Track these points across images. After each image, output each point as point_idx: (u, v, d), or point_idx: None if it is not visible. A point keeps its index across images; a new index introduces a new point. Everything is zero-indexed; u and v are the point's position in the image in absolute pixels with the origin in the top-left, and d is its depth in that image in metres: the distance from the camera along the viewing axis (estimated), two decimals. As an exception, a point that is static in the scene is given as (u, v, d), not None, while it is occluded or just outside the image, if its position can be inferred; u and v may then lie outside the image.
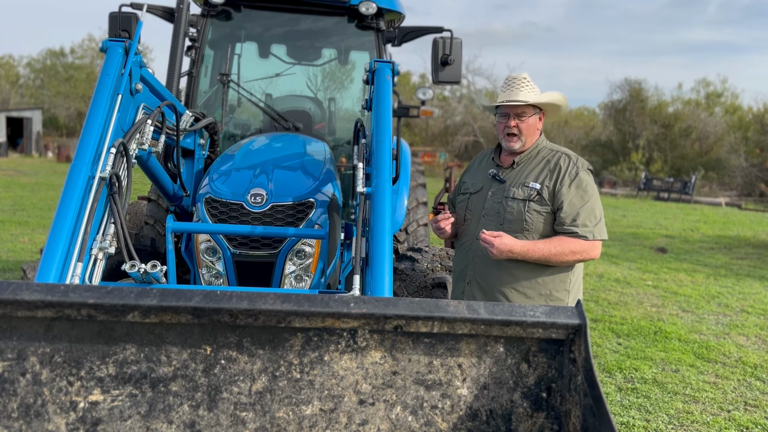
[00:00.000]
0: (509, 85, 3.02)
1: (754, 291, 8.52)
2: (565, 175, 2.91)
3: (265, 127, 4.90)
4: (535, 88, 3.02)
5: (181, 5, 4.30)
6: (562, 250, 2.85)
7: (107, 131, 2.64)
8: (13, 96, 46.00)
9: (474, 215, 3.09)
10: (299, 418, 1.82)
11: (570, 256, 2.86)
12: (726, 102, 40.96)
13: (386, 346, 1.85)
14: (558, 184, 2.90)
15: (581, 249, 2.87)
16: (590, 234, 2.86)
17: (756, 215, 21.01)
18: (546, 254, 2.84)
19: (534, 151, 3.06)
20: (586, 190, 2.90)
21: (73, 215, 2.35)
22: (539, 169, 2.98)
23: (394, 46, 5.40)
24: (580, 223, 2.85)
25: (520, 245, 2.83)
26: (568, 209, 2.86)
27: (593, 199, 2.91)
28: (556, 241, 2.87)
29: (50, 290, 1.74)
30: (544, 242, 2.86)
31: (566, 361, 1.85)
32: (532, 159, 3.04)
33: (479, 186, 3.13)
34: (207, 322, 1.80)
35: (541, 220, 2.91)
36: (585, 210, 2.87)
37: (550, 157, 3.00)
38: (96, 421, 1.77)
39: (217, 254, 3.26)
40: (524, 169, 3.02)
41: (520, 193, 2.94)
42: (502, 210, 2.97)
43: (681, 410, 4.43)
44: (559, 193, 2.89)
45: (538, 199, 2.91)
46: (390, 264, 2.45)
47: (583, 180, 2.91)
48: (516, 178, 3.01)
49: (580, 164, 2.96)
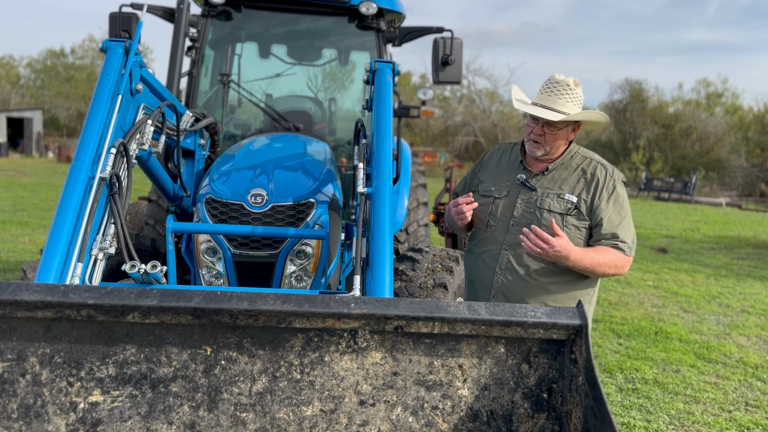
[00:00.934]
0: (550, 88, 2.77)
1: (754, 291, 8.51)
2: (603, 188, 2.76)
3: (265, 128, 4.90)
4: (577, 97, 2.77)
5: (182, 5, 4.29)
6: (608, 261, 2.71)
7: (107, 131, 2.63)
8: (13, 96, 46.01)
9: (500, 223, 2.86)
10: (299, 419, 1.81)
11: (612, 268, 2.74)
12: (726, 102, 40.98)
13: (387, 347, 1.84)
14: (596, 198, 2.75)
15: (621, 263, 2.74)
16: (629, 250, 2.76)
17: (756, 215, 21.00)
18: (594, 263, 2.69)
19: (567, 157, 2.86)
20: (623, 206, 2.78)
21: (73, 215, 2.35)
22: (574, 180, 2.80)
23: (394, 46, 5.40)
24: (620, 240, 2.74)
25: (577, 251, 2.64)
26: (608, 226, 2.73)
27: (629, 215, 2.80)
28: (603, 250, 2.72)
29: (50, 291, 1.74)
30: (594, 250, 2.71)
31: (567, 361, 1.84)
32: (565, 167, 2.85)
33: (505, 191, 2.89)
34: (207, 323, 1.80)
35: (579, 235, 2.77)
36: (623, 227, 2.75)
37: (585, 166, 2.82)
38: (96, 421, 1.77)
39: (218, 255, 3.26)
40: (557, 177, 2.83)
41: (557, 205, 2.76)
42: (536, 222, 2.75)
43: (682, 411, 4.42)
44: (598, 209, 2.74)
45: (576, 213, 2.75)
46: (390, 264, 2.44)
47: (620, 194, 2.79)
48: (549, 187, 2.81)
49: (616, 176, 2.81)
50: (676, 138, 36.25)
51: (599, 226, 2.74)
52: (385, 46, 4.95)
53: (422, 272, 4.07)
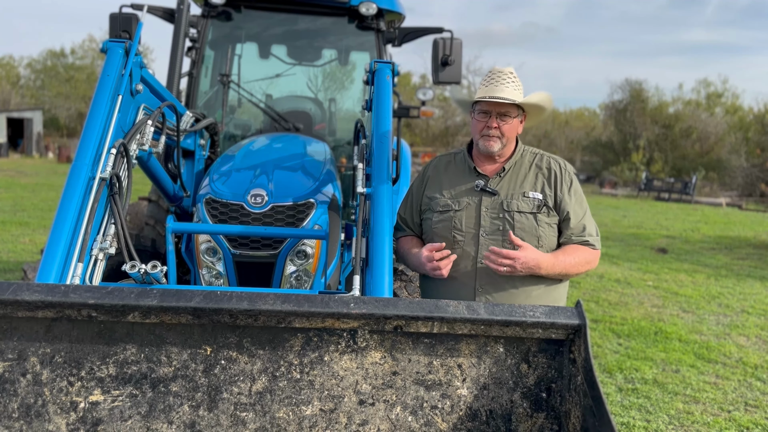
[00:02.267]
0: (493, 79, 2.64)
1: (754, 291, 8.51)
2: (561, 181, 2.68)
3: (265, 128, 4.91)
4: (520, 85, 2.67)
5: (182, 6, 4.30)
6: (579, 261, 2.62)
7: (108, 132, 2.64)
8: (13, 96, 46.01)
9: (467, 236, 2.66)
10: (299, 419, 1.82)
11: (585, 266, 2.66)
12: (727, 102, 40.96)
13: (386, 347, 1.85)
14: (558, 191, 2.67)
15: (591, 258, 2.67)
16: (598, 243, 2.69)
17: (757, 215, 21.00)
18: (568, 266, 2.60)
19: (518, 155, 2.75)
20: (582, 198, 2.72)
21: (73, 216, 2.35)
22: (532, 177, 2.70)
23: (394, 46, 5.41)
24: (588, 233, 2.66)
25: (546, 258, 2.54)
26: (574, 219, 2.65)
27: (587, 206, 2.74)
28: (571, 250, 2.63)
29: (51, 291, 1.74)
30: (564, 253, 2.62)
31: (566, 361, 1.85)
32: (519, 165, 2.74)
33: (464, 202, 2.70)
34: (207, 323, 1.80)
35: (552, 233, 2.65)
36: (587, 219, 2.69)
37: (539, 162, 2.74)
38: (96, 421, 1.78)
39: (218, 255, 3.26)
40: (514, 177, 2.71)
41: (525, 205, 2.64)
42: (508, 225, 2.61)
43: (681, 410, 4.43)
44: (562, 203, 2.65)
45: (545, 210, 2.65)
46: (390, 264, 2.45)
47: (578, 187, 2.73)
48: (509, 187, 2.69)
49: (569, 168, 2.75)
50: (676, 138, 36.25)
51: (567, 220, 2.65)
52: (384, 47, 4.96)
53: (422, 272, 4.07)
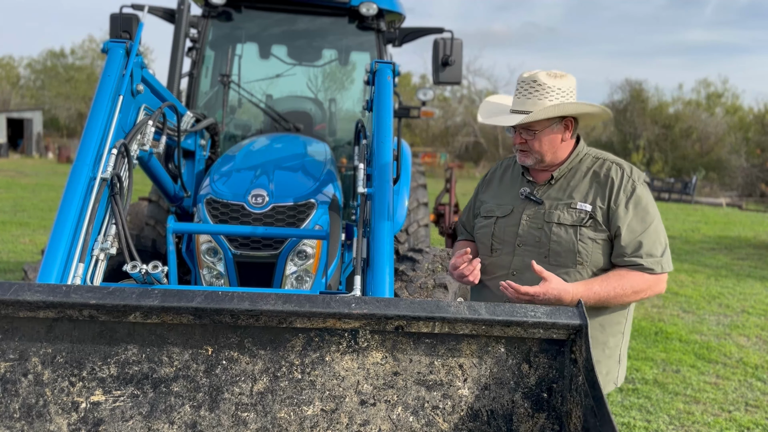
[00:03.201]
0: (519, 90, 2.40)
1: (754, 291, 8.52)
2: (620, 191, 2.31)
3: (265, 128, 4.91)
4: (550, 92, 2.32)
5: (182, 6, 4.30)
6: (623, 290, 2.25)
7: (108, 132, 2.64)
8: (13, 97, 46.05)
9: (506, 245, 2.45)
10: (300, 419, 1.82)
11: (632, 296, 2.28)
12: (727, 102, 40.99)
13: (387, 347, 1.85)
14: (612, 203, 2.31)
15: (645, 286, 2.27)
16: (657, 266, 2.27)
17: (757, 216, 21.00)
18: (604, 298, 2.25)
19: (575, 160, 2.43)
20: (648, 210, 2.31)
21: (74, 216, 2.35)
22: (586, 185, 2.37)
23: (394, 46, 5.41)
24: (645, 253, 2.26)
25: (572, 294, 2.18)
26: (628, 236, 2.27)
27: (656, 221, 2.31)
28: (614, 278, 2.26)
29: (52, 291, 1.74)
30: (600, 282, 2.25)
31: (567, 361, 1.85)
32: (574, 171, 2.42)
33: (508, 208, 2.48)
34: (208, 323, 1.80)
35: (598, 249, 2.31)
36: (648, 236, 2.27)
37: (598, 168, 2.39)
38: (98, 421, 1.78)
39: (218, 255, 3.26)
40: (566, 185, 2.40)
41: (568, 216, 2.33)
42: (545, 239, 2.35)
43: (682, 411, 4.43)
44: (615, 216, 2.29)
45: (592, 223, 2.31)
46: (391, 265, 2.45)
47: (643, 197, 2.32)
48: (557, 197, 2.39)
49: (635, 176, 2.35)
50: (676, 138, 36.27)
51: (618, 237, 2.29)
52: (385, 47, 4.96)
53: (422, 272, 4.08)
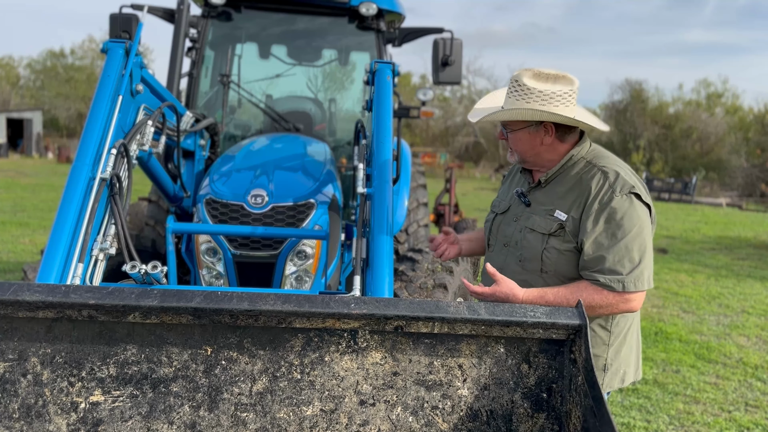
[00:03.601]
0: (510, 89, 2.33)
1: (754, 292, 8.51)
2: (594, 201, 2.16)
3: (265, 128, 4.91)
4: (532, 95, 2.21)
5: (182, 6, 4.30)
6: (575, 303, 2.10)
7: (108, 132, 2.64)
8: (13, 97, 46.05)
9: (497, 243, 2.45)
10: (300, 419, 1.82)
11: (589, 311, 2.09)
12: (727, 102, 40.99)
13: (387, 347, 1.85)
14: (584, 213, 2.17)
15: (604, 303, 2.12)
16: (618, 284, 2.09)
17: (757, 216, 21.00)
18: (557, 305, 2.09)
19: (568, 164, 2.30)
20: (621, 224, 2.11)
21: (73, 216, 2.35)
22: (569, 192, 2.25)
23: (394, 46, 5.41)
24: (607, 269, 2.11)
25: (521, 299, 2.12)
26: (591, 250, 2.13)
27: (631, 236, 2.11)
28: (570, 290, 2.14)
29: (51, 291, 1.74)
30: (555, 292, 2.14)
31: (567, 361, 1.85)
32: (563, 177, 2.30)
33: (506, 206, 2.46)
34: (208, 323, 1.80)
35: (564, 260, 2.21)
36: (616, 251, 2.11)
37: (584, 175, 2.24)
38: (97, 421, 1.78)
39: (218, 255, 3.26)
40: (553, 190, 2.31)
41: (542, 224, 2.26)
42: (521, 242, 2.31)
43: (682, 411, 4.43)
44: (583, 226, 2.16)
45: (560, 233, 2.20)
46: (390, 265, 2.45)
47: (618, 210, 2.12)
48: (542, 201, 2.32)
49: (618, 185, 2.15)
50: (676, 138, 36.28)
51: (583, 249, 2.16)
52: (385, 47, 4.96)
53: (422, 273, 4.07)
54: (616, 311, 2.17)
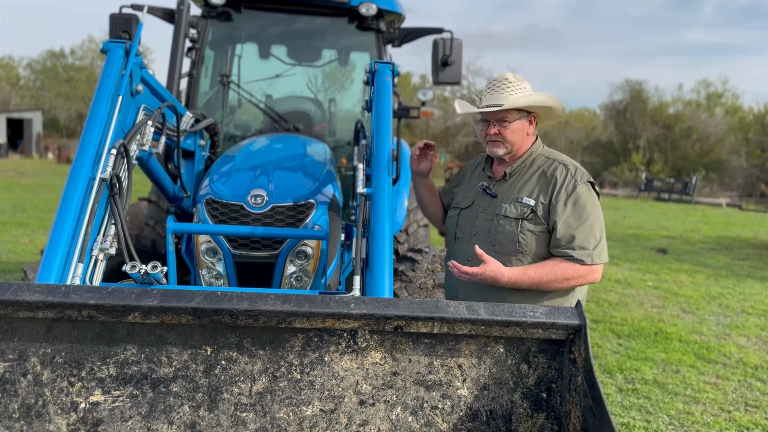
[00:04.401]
0: (489, 87, 2.72)
1: (754, 292, 8.52)
2: (561, 189, 2.58)
3: (265, 128, 4.91)
4: (519, 89, 2.66)
5: (182, 6, 4.30)
6: (555, 276, 2.51)
7: (108, 132, 2.64)
8: (13, 97, 46.04)
9: (465, 234, 2.77)
10: (300, 419, 1.82)
11: (563, 283, 2.54)
12: (727, 103, 40.98)
13: (386, 347, 1.85)
14: (553, 199, 2.57)
15: (576, 275, 2.53)
16: (588, 258, 2.52)
17: (757, 216, 21.01)
18: (537, 281, 2.52)
19: (528, 159, 2.73)
20: (585, 207, 2.55)
21: (73, 216, 2.35)
22: (534, 182, 2.65)
23: (394, 47, 5.41)
24: (577, 245, 2.51)
25: (507, 277, 2.49)
26: (563, 230, 2.53)
27: (593, 217, 2.55)
28: (548, 266, 2.53)
29: (51, 291, 1.74)
30: (535, 268, 2.53)
31: (566, 361, 1.85)
32: (526, 169, 2.71)
33: (470, 200, 2.82)
34: (207, 323, 1.80)
35: (537, 241, 2.59)
36: (582, 230, 2.52)
37: (546, 168, 2.66)
38: (97, 421, 1.78)
39: (218, 255, 3.26)
40: (517, 181, 2.70)
41: (513, 210, 2.62)
42: (493, 229, 2.65)
43: (682, 411, 4.43)
44: (554, 210, 2.56)
45: (533, 217, 2.58)
46: (390, 265, 2.45)
47: (582, 195, 2.56)
48: (508, 192, 2.69)
49: (579, 176, 2.61)
50: (676, 139, 36.29)
51: (555, 230, 2.55)
52: (384, 47, 4.96)
53: (422, 273, 4.08)
54: (584, 282, 2.58)
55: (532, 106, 2.67)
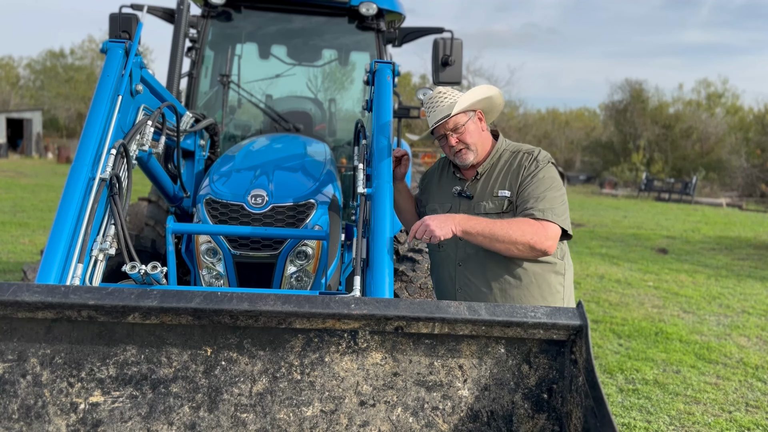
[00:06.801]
0: (429, 106, 2.83)
1: (755, 292, 8.51)
2: (525, 171, 2.73)
3: (265, 128, 4.90)
4: (454, 95, 2.80)
5: (182, 6, 4.30)
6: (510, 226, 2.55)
7: (107, 132, 2.63)
8: (13, 97, 46.03)
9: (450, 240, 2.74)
10: (300, 420, 1.82)
11: (518, 235, 2.54)
12: (727, 103, 40.96)
13: (387, 347, 1.84)
14: (522, 183, 2.72)
15: (531, 230, 2.56)
16: (539, 213, 2.60)
17: (757, 216, 21.01)
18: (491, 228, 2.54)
19: (495, 156, 2.85)
20: (544, 182, 2.69)
21: (73, 216, 2.35)
22: (504, 175, 2.78)
23: (394, 46, 5.40)
24: (531, 206, 2.63)
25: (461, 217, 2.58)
26: (525, 198, 2.67)
27: (552, 189, 2.68)
28: (505, 219, 2.64)
29: (51, 291, 1.74)
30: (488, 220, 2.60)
31: (567, 362, 1.84)
32: (495, 166, 2.84)
33: (447, 206, 2.88)
34: (207, 324, 1.80)
35: None
36: (539, 197, 2.65)
37: (512, 160, 2.81)
38: (96, 422, 1.77)
39: (218, 255, 3.26)
40: (489, 178, 2.82)
41: (491, 205, 2.75)
42: None
43: (682, 411, 4.42)
44: (522, 189, 2.71)
45: (510, 207, 2.72)
46: (390, 265, 2.44)
47: (542, 173, 2.71)
48: (483, 190, 2.80)
49: (540, 157, 2.76)
50: (676, 138, 36.28)
51: (519, 205, 2.69)
52: (385, 47, 4.95)
53: (422, 273, 4.07)
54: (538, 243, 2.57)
55: (475, 102, 2.79)
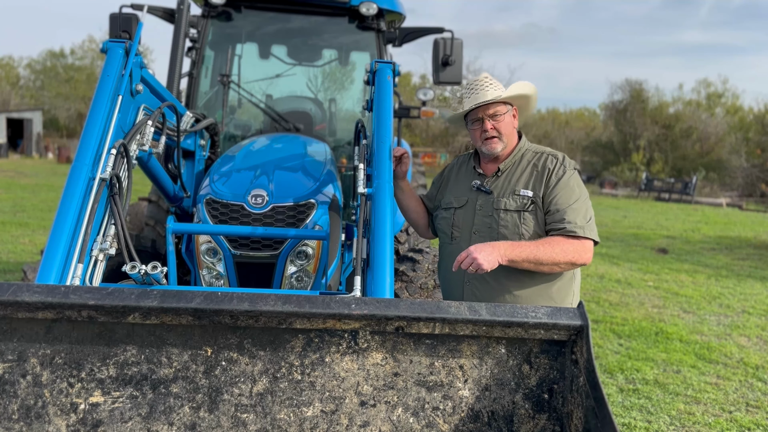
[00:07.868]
0: (472, 88, 2.80)
1: (755, 292, 8.51)
2: (552, 175, 2.72)
3: (265, 128, 4.90)
4: (499, 84, 2.80)
5: (182, 6, 4.30)
6: (552, 248, 2.56)
7: (108, 132, 2.63)
8: (13, 97, 46.02)
9: (463, 233, 2.83)
10: (300, 420, 1.81)
11: (563, 255, 2.57)
12: (727, 103, 40.95)
13: (387, 348, 1.84)
14: (548, 187, 2.70)
15: (572, 248, 2.59)
16: (580, 230, 2.60)
17: (757, 216, 21.00)
18: (535, 253, 2.55)
19: (518, 155, 2.85)
20: (574, 190, 2.70)
21: (73, 216, 2.34)
22: (527, 176, 2.77)
23: (394, 46, 5.40)
24: (568, 221, 2.61)
25: (506, 246, 2.54)
26: (555, 210, 2.65)
27: (582, 199, 2.70)
28: (544, 240, 2.62)
29: (51, 292, 1.74)
30: (529, 243, 2.60)
31: (568, 362, 1.84)
32: (517, 164, 2.83)
33: (464, 200, 2.88)
34: (208, 324, 1.80)
35: (539, 230, 2.70)
36: (572, 209, 2.64)
37: (536, 161, 2.80)
38: (97, 422, 1.77)
39: (218, 255, 3.25)
40: (511, 176, 2.81)
41: (512, 203, 2.73)
42: (495, 224, 2.74)
43: (682, 411, 4.42)
44: (548, 195, 2.69)
45: (533, 208, 2.71)
46: (391, 265, 2.44)
47: (570, 180, 2.72)
48: (504, 187, 2.79)
49: (567, 163, 2.77)
50: (676, 138, 36.27)
51: (549, 212, 2.67)
52: (385, 47, 4.95)
53: (423, 273, 4.07)
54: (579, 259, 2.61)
55: (516, 95, 2.79)
